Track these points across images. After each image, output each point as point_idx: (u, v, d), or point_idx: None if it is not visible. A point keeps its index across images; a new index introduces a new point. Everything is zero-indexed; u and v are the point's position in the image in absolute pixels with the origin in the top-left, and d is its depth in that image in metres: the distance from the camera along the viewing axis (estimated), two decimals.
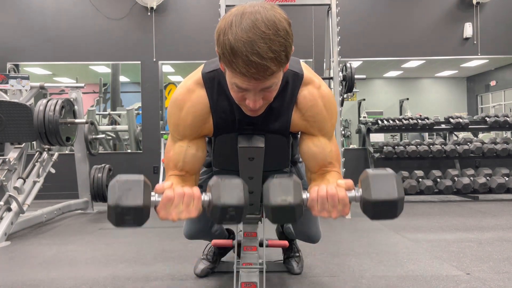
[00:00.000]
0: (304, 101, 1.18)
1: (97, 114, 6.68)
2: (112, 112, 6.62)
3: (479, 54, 5.59)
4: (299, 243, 2.03)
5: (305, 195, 0.95)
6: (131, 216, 0.85)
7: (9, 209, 2.93)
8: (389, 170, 0.93)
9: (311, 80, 1.19)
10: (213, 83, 1.17)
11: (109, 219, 0.86)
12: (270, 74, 0.94)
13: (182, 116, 1.18)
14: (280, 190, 0.91)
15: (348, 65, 4.06)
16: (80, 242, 2.80)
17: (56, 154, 3.75)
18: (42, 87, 3.66)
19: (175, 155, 1.20)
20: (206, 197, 0.93)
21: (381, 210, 0.91)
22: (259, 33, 0.90)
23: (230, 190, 0.91)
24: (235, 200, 0.90)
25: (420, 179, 4.60)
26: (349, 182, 0.96)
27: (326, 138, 1.21)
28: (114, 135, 6.35)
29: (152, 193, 0.91)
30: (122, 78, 6.80)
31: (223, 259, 2.08)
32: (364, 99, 8.28)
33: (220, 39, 0.94)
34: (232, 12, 0.96)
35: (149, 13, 5.45)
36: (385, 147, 4.97)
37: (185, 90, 1.18)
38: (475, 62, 7.01)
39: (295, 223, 0.95)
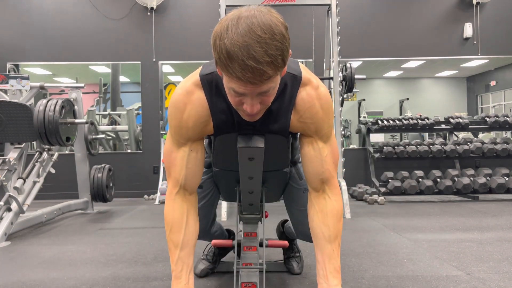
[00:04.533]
0: (302, 103, 1.18)
1: (97, 114, 6.68)
2: (112, 112, 6.63)
3: (479, 54, 5.59)
4: (299, 243, 2.03)
5: None
6: None
7: (9, 209, 2.93)
8: None
9: (309, 81, 1.19)
10: (211, 85, 1.17)
11: None
12: (266, 78, 0.93)
13: (184, 118, 1.18)
14: None
15: (348, 65, 4.07)
16: (80, 242, 2.80)
17: (56, 154, 3.75)
18: (42, 87, 3.66)
19: (177, 159, 1.23)
20: None
21: None
22: (255, 37, 0.89)
23: None
24: None
25: (420, 179, 4.60)
26: None
27: (323, 141, 1.23)
28: (114, 135, 6.35)
29: None
30: (122, 78, 6.81)
31: (223, 259, 2.08)
32: (364, 99, 8.29)
33: (216, 43, 0.93)
34: (228, 16, 0.95)
35: (149, 13, 5.45)
36: (385, 147, 4.97)
37: (184, 91, 1.18)
38: (475, 62, 7.01)
39: None
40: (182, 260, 1.24)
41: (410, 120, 5.20)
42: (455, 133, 5.46)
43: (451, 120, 5.17)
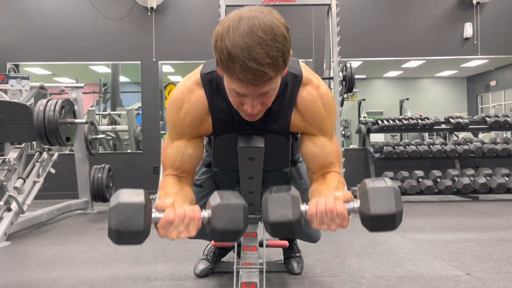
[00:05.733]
0: (303, 102, 1.17)
1: (97, 114, 6.68)
2: (112, 112, 6.62)
3: (479, 54, 5.59)
4: (299, 242, 2.03)
5: (303, 207, 0.95)
6: (131, 238, 0.87)
7: (9, 209, 2.93)
8: (388, 182, 0.91)
9: (310, 81, 1.18)
10: (211, 84, 1.17)
11: (109, 238, 0.88)
12: (267, 79, 0.93)
13: (180, 115, 1.18)
14: (278, 206, 0.92)
15: (348, 65, 4.06)
16: (80, 242, 2.80)
17: (56, 154, 3.75)
18: (42, 87, 3.66)
19: (172, 154, 1.20)
20: (206, 214, 0.94)
21: (379, 223, 0.91)
22: (256, 39, 0.89)
23: (231, 214, 0.91)
24: (235, 226, 0.91)
25: (420, 179, 4.60)
26: (348, 194, 0.95)
27: (326, 138, 1.21)
28: (114, 135, 6.34)
29: (153, 210, 0.91)
30: (122, 78, 6.80)
31: (223, 259, 2.08)
32: (364, 99, 8.29)
33: (217, 44, 0.93)
34: (230, 17, 0.95)
35: (149, 13, 5.45)
36: (385, 147, 4.97)
37: (185, 89, 1.18)
38: (475, 62, 7.01)
39: (295, 236, 0.95)
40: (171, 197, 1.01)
41: (410, 120, 5.20)
42: (455, 133, 5.46)
43: (451, 120, 5.17)
